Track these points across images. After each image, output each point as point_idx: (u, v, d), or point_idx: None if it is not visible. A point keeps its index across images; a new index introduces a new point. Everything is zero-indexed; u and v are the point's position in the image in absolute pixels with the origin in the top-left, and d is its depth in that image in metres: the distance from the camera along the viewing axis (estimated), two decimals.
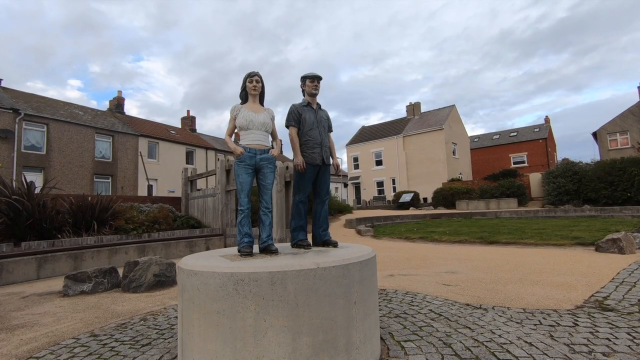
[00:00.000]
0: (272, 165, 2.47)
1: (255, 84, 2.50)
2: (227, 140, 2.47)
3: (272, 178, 2.44)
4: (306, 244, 2.46)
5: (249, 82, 2.51)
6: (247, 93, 2.54)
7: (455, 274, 4.75)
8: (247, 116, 2.42)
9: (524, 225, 11.40)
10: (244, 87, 2.55)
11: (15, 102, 17.40)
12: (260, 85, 2.53)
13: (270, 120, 2.52)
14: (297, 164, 2.55)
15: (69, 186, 17.77)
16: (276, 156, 2.50)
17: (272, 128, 2.56)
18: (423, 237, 9.46)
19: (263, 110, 2.55)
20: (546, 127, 37.64)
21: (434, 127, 31.00)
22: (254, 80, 2.51)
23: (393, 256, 6.56)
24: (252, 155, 2.38)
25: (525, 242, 7.60)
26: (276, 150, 2.54)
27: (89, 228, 7.41)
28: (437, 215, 18.49)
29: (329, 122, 2.87)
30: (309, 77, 2.72)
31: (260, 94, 2.60)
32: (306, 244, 2.46)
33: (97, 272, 4.32)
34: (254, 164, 2.38)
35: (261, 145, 2.43)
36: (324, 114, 2.81)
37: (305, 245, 2.45)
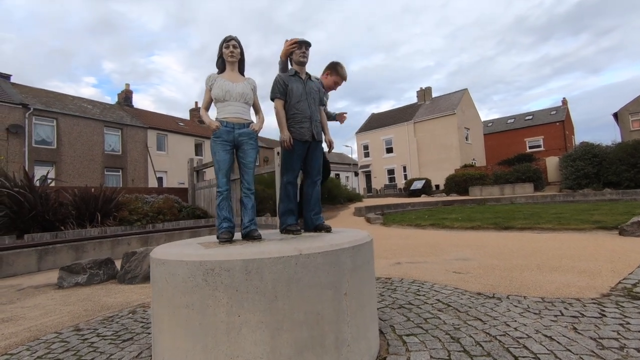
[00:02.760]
0: (253, 141, 2.21)
1: (232, 49, 2.23)
2: (202, 114, 2.22)
3: (253, 156, 2.19)
4: (295, 229, 2.22)
5: (225, 48, 2.24)
6: (224, 61, 2.27)
7: (467, 261, 4.47)
8: (224, 86, 2.15)
9: (540, 210, 10.95)
10: (220, 55, 2.28)
11: (25, 98, 17.55)
12: (238, 51, 2.26)
13: (250, 91, 2.25)
14: (283, 140, 2.29)
15: (80, 180, 17.96)
16: (257, 131, 2.24)
17: (253, 99, 2.29)
18: (434, 224, 9.14)
19: (242, 80, 2.28)
20: (563, 109, 36.33)
21: (446, 112, 30.22)
22: (231, 45, 2.24)
23: (401, 244, 6.29)
24: (229, 129, 2.13)
25: (542, 227, 7.22)
26: (258, 124, 2.27)
27: (92, 220, 7.35)
28: (450, 202, 18.04)
29: (321, 95, 2.58)
30: (297, 44, 2.44)
31: (240, 62, 2.33)
32: (295, 229, 2.21)
33: (91, 264, 4.19)
34: (232, 139, 2.13)
35: (240, 118, 2.17)
36: (314, 85, 2.52)
37: (295, 230, 2.21)
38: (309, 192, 2.41)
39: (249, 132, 2.18)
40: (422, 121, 31.99)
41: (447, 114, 30.05)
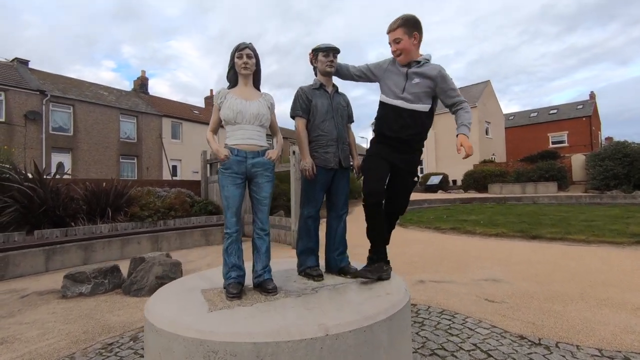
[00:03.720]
0: (270, 172, 1.86)
1: (246, 59, 1.86)
2: (209, 139, 1.89)
3: (269, 190, 1.84)
4: (316, 273, 1.89)
5: (237, 58, 1.88)
6: (235, 73, 1.91)
7: (498, 282, 4.07)
8: (235, 105, 1.80)
9: (568, 214, 10.35)
10: (231, 65, 1.92)
11: (43, 84, 17.61)
12: (253, 62, 1.90)
13: (267, 110, 1.89)
14: (304, 169, 1.94)
15: (96, 167, 18.08)
16: (275, 160, 1.88)
17: (270, 120, 1.94)
18: (454, 228, 8.70)
19: (258, 97, 1.92)
20: (591, 103, 34.68)
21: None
22: (244, 55, 1.87)
23: (422, 253, 5.92)
24: (241, 159, 1.78)
25: (574, 239, 6.71)
26: (276, 151, 1.91)
27: (103, 215, 7.21)
28: (468, 199, 17.45)
29: (350, 110, 2.21)
30: (322, 50, 2.06)
31: (255, 75, 1.96)
32: (316, 274, 1.88)
33: (96, 273, 3.98)
34: (244, 171, 1.79)
35: (254, 145, 1.83)
36: (342, 100, 2.15)
37: (316, 275, 1.88)
38: (333, 227, 2.06)
39: (265, 162, 1.83)
40: (441, 114, 31.02)
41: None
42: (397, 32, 2.09)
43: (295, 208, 6.70)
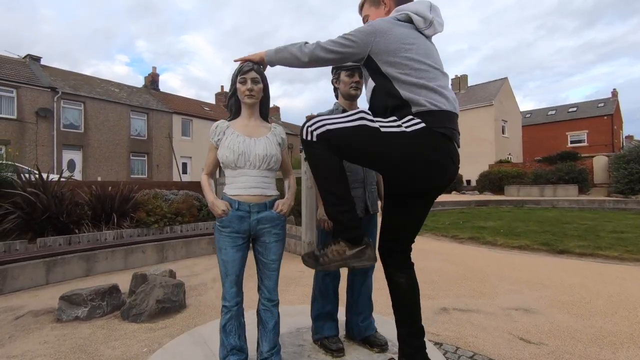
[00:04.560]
0: (279, 229, 1.50)
1: (250, 85, 1.50)
2: (203, 186, 1.54)
3: (278, 252, 1.49)
4: (336, 347, 1.55)
5: (240, 83, 1.51)
6: (238, 101, 1.56)
7: (531, 314, 3.67)
8: (237, 144, 1.45)
9: (594, 223, 9.79)
10: (233, 91, 1.56)
11: (54, 81, 17.60)
12: (260, 88, 1.53)
13: (276, 149, 1.53)
14: (322, 219, 1.58)
15: (107, 164, 18.06)
16: (286, 213, 1.52)
17: (281, 160, 1.57)
18: (473, 238, 8.26)
19: (265, 132, 1.55)
20: (613, 101, 33.42)
21: (483, 102, 28.39)
22: (249, 79, 1.50)
23: (442, 270, 5.52)
24: (243, 214, 1.43)
25: (606, 255, 6.23)
26: (288, 201, 1.55)
27: (108, 221, 6.99)
28: (484, 202, 16.90)
29: None
30: (347, 69, 1.68)
31: (262, 103, 1.60)
32: (336, 348, 1.54)
33: (93, 295, 3.71)
34: (247, 229, 1.44)
35: (260, 195, 1.47)
36: None
37: (335, 350, 1.54)
38: (356, 286, 1.71)
39: (273, 217, 1.47)
40: None
41: (484, 104, 28.23)
42: (363, 10, 1.69)
43: (307, 216, 6.37)
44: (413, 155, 1.34)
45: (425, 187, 1.46)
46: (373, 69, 1.45)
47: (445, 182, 1.48)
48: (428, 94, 1.38)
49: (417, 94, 1.37)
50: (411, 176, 1.40)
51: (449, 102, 1.42)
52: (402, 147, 1.32)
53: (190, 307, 3.97)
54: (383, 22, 1.46)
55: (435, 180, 1.44)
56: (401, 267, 1.55)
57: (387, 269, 1.55)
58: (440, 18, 1.57)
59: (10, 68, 16.51)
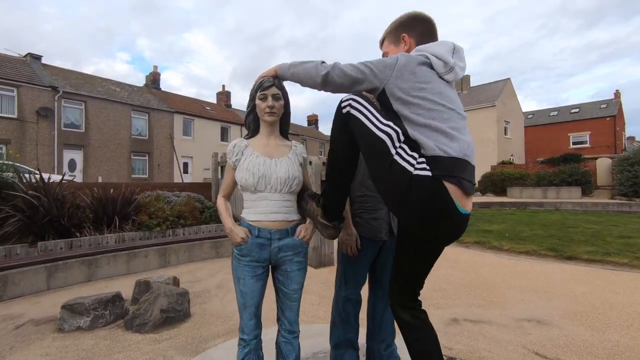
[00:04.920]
0: (302, 257, 1.41)
1: (272, 102, 1.40)
2: (221, 211, 1.44)
3: (300, 280, 1.40)
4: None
5: (260, 100, 1.41)
6: (257, 118, 1.46)
7: (544, 325, 3.58)
8: (257, 166, 1.35)
9: (600, 227, 9.70)
10: (252, 108, 1.46)
11: (55, 80, 17.50)
12: (281, 104, 1.43)
13: (298, 170, 1.44)
14: (345, 243, 1.49)
15: (107, 164, 17.97)
16: (309, 239, 1.43)
17: (303, 181, 1.48)
18: (478, 242, 8.17)
19: (287, 151, 1.46)
20: (616, 102, 33.29)
21: (485, 103, 28.29)
22: (270, 95, 1.40)
23: (450, 277, 5.44)
24: (263, 242, 1.34)
25: (616, 262, 6.13)
26: (310, 226, 1.45)
27: (110, 224, 6.91)
28: (487, 204, 16.81)
29: None
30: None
31: (282, 120, 1.50)
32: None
33: (96, 304, 3.62)
34: (267, 257, 1.35)
35: (282, 222, 1.38)
36: None
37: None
38: (379, 312, 1.62)
39: (296, 244, 1.38)
40: None
41: (487, 105, 28.11)
42: (383, 47, 1.63)
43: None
44: (402, 196, 1.25)
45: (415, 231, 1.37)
46: (385, 104, 1.37)
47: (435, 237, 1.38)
48: (438, 137, 1.28)
49: (427, 137, 1.27)
50: (400, 214, 1.34)
51: (460, 147, 1.30)
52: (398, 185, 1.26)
53: (194, 316, 3.88)
54: (403, 57, 1.37)
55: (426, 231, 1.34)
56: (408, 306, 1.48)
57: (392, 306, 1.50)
58: (463, 62, 1.46)
59: (11, 67, 16.43)
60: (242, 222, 1.39)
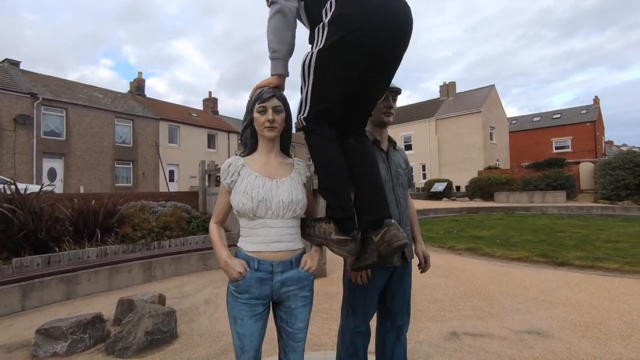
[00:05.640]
0: (308, 291, 1.26)
1: (272, 115, 1.25)
2: (214, 240, 1.28)
3: (305, 318, 1.25)
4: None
5: (258, 113, 1.26)
6: (254, 132, 1.31)
7: (545, 337, 3.50)
8: (255, 189, 1.20)
9: (587, 231, 9.84)
10: (249, 122, 1.31)
11: (34, 86, 16.95)
12: (282, 118, 1.28)
13: (302, 192, 1.28)
14: (353, 272, 1.35)
15: (90, 173, 17.42)
16: (315, 270, 1.28)
17: (307, 204, 1.32)
18: (470, 249, 8.15)
19: (289, 170, 1.31)
20: (595, 108, 34.35)
21: (471, 109, 28.75)
22: (270, 108, 1.26)
23: (445, 287, 5.34)
24: (264, 276, 1.18)
25: (607, 267, 6.16)
26: (317, 255, 1.30)
27: (92, 237, 6.60)
28: (475, 209, 16.95)
29: (409, 173, 1.61)
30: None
31: (283, 135, 1.36)
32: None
33: (74, 327, 3.37)
34: (268, 293, 1.19)
35: (284, 251, 1.22)
36: (400, 160, 1.56)
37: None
38: (389, 345, 1.48)
39: (301, 277, 1.22)
40: (444, 118, 30.55)
41: (472, 111, 28.56)
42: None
43: None
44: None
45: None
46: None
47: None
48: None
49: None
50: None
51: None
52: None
53: (182, 337, 3.66)
54: None
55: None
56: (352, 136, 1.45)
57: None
58: None
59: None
60: (238, 253, 1.23)
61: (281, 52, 1.34)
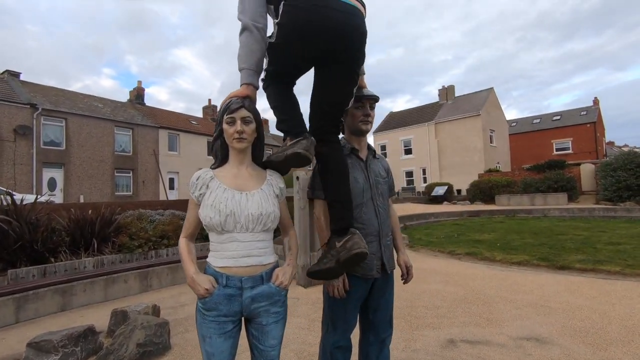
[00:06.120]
0: (279, 307, 1.23)
1: (240, 126, 1.22)
2: (182, 254, 1.26)
3: (278, 335, 1.21)
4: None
5: (227, 124, 1.24)
6: (224, 144, 1.29)
7: (544, 344, 3.43)
8: (223, 202, 1.17)
9: (588, 233, 9.75)
10: (219, 133, 1.29)
11: (34, 97, 17.06)
12: (252, 129, 1.26)
13: (273, 204, 1.26)
14: (331, 284, 1.31)
15: (90, 182, 17.46)
16: (287, 285, 1.25)
17: (280, 216, 1.30)
18: (470, 253, 8.07)
19: (260, 182, 1.28)
20: (595, 109, 34.30)
21: (470, 112, 28.77)
22: (238, 118, 1.23)
23: (444, 293, 5.27)
24: (233, 292, 1.15)
25: (608, 270, 6.09)
26: (289, 269, 1.27)
27: (88, 247, 6.57)
28: (476, 212, 16.86)
29: (391, 181, 1.58)
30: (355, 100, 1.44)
31: (255, 145, 1.34)
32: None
33: (65, 340, 3.33)
34: (237, 310, 1.16)
35: (254, 266, 1.20)
36: (380, 168, 1.53)
37: None
38: (372, 359, 1.43)
39: (272, 292, 1.19)
40: (444, 122, 30.56)
41: (472, 114, 28.58)
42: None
43: (303, 241, 6.06)
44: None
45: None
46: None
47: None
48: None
49: None
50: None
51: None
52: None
53: (175, 349, 3.61)
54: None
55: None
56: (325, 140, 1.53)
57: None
58: None
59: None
60: (207, 269, 1.20)
61: (248, 63, 1.37)
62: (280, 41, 1.41)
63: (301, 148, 1.31)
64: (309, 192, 1.50)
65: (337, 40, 1.35)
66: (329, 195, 1.37)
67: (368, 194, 1.46)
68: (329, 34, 1.33)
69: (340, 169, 1.40)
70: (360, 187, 1.44)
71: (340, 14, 1.33)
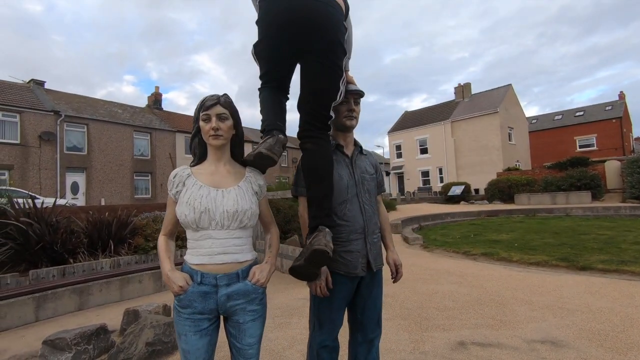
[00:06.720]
0: (257, 304, 1.22)
1: (216, 123, 1.23)
2: (159, 252, 1.27)
3: (256, 333, 1.21)
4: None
5: (203, 121, 1.24)
6: (202, 141, 1.30)
7: (560, 347, 3.30)
8: (197, 199, 1.18)
9: (613, 233, 9.35)
10: (196, 130, 1.30)
11: (57, 104, 17.73)
12: (229, 125, 1.26)
13: (251, 201, 1.25)
14: (313, 283, 1.29)
15: (110, 185, 18.00)
16: (265, 283, 1.24)
17: (258, 213, 1.30)
18: (486, 253, 7.86)
19: (237, 179, 1.28)
20: (620, 104, 32.93)
21: (487, 110, 28.11)
22: (213, 115, 1.23)
23: (456, 294, 5.15)
24: (208, 290, 1.16)
25: (632, 271, 5.80)
26: (267, 267, 1.26)
27: (105, 248, 6.77)
28: (494, 212, 16.43)
29: (380, 177, 1.55)
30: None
31: (234, 142, 1.34)
32: None
33: (78, 338, 3.42)
34: (213, 308, 1.16)
35: (230, 263, 1.19)
36: (367, 164, 1.50)
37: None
38: (360, 359, 1.40)
39: (248, 290, 1.19)
40: (460, 120, 29.98)
41: (489, 112, 27.92)
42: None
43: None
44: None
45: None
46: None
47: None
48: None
49: None
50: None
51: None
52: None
53: None
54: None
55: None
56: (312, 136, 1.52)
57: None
58: None
59: (14, 93, 16.70)
60: (184, 267, 1.21)
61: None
62: (261, 37, 1.46)
63: (264, 147, 1.30)
64: (292, 189, 1.49)
65: (312, 30, 1.37)
66: (308, 192, 1.36)
67: (353, 190, 1.44)
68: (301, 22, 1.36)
69: (320, 166, 1.37)
70: (344, 184, 1.42)
71: (313, 3, 1.36)
